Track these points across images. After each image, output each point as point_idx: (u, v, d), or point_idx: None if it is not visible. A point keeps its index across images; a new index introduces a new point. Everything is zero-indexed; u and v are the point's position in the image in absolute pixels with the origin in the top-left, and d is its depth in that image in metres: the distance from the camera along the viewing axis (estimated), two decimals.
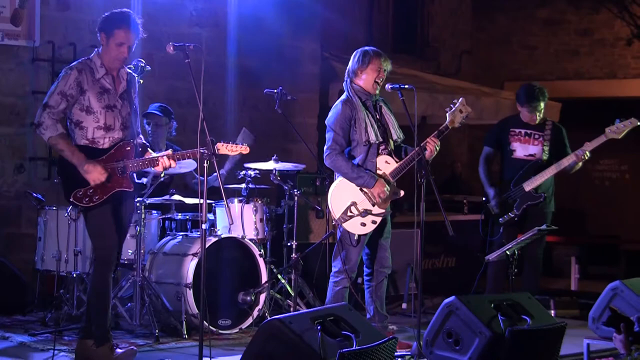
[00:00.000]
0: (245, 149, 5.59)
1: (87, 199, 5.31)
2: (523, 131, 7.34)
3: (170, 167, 5.51)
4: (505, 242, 6.81)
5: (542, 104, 7.27)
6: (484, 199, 7.40)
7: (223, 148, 5.33)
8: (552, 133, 7.32)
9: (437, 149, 5.88)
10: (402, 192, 6.00)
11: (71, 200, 5.33)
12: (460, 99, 6.05)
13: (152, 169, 5.61)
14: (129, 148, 5.47)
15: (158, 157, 5.48)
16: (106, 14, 5.47)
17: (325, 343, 4.33)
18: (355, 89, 6.00)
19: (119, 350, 5.43)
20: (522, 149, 7.32)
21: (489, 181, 7.40)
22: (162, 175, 5.68)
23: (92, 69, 5.40)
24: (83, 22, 7.88)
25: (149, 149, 5.65)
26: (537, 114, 7.27)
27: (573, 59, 12.74)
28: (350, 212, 5.88)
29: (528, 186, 7.20)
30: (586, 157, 7.06)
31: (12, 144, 7.66)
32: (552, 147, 7.29)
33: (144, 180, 6.48)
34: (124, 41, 5.37)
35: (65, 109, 5.33)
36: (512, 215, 7.19)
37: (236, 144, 5.53)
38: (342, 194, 5.91)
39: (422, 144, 5.81)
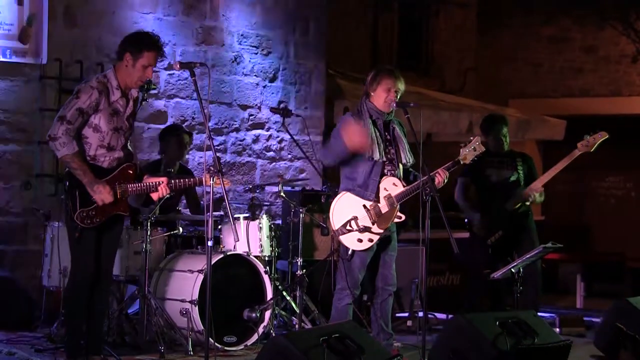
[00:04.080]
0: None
1: (88, 220, 5.29)
2: (496, 159, 7.53)
3: (167, 194, 5.50)
4: (494, 261, 7.02)
5: (505, 128, 7.54)
6: (466, 221, 7.60)
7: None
8: (522, 160, 7.56)
9: (446, 180, 5.94)
10: (403, 217, 6.01)
11: (75, 219, 5.29)
12: (477, 137, 6.11)
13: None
14: (131, 171, 5.43)
15: (156, 184, 5.44)
16: (132, 33, 5.40)
17: None
18: (368, 106, 6.02)
19: None
20: (497, 174, 7.51)
21: (470, 206, 7.62)
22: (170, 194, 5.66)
23: (109, 90, 5.32)
24: (90, 40, 7.91)
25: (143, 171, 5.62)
26: (504, 138, 7.51)
27: (578, 76, 12.74)
28: (350, 226, 5.88)
29: (510, 205, 7.35)
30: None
31: (19, 160, 7.67)
32: (525, 173, 7.50)
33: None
34: (152, 63, 5.30)
35: (79, 125, 5.26)
36: (499, 236, 7.34)
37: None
38: (344, 208, 5.92)
39: (431, 174, 5.82)
